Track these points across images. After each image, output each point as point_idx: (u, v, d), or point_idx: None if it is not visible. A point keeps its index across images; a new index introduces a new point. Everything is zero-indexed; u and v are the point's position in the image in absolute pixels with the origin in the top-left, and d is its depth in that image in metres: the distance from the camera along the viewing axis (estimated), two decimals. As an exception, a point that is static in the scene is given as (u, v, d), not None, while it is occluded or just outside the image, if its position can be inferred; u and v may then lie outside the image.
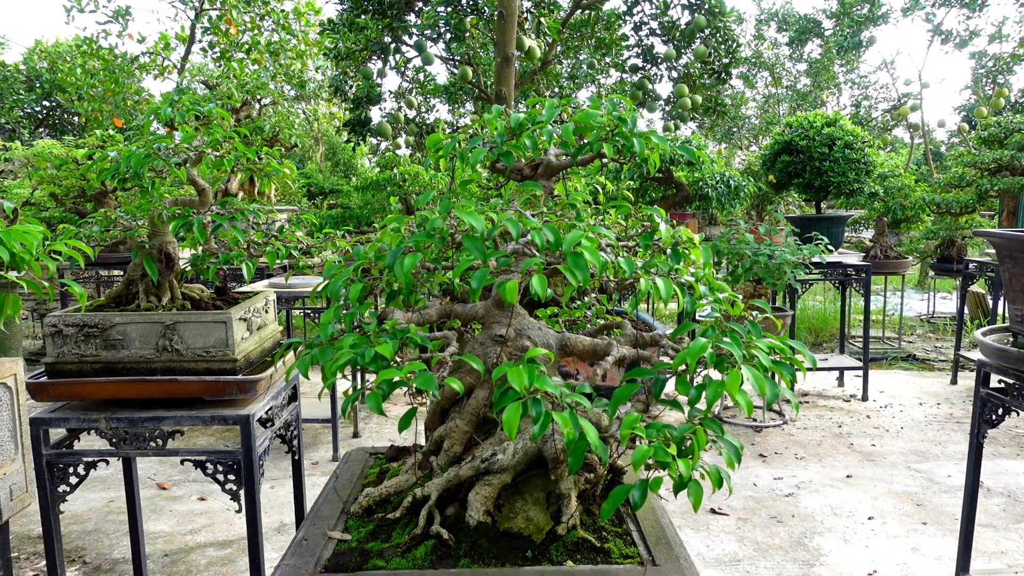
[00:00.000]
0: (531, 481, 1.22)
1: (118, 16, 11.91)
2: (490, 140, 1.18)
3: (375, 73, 8.52)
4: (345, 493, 1.44)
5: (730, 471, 0.93)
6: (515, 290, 0.90)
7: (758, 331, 1.01)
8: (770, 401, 0.91)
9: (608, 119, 1.14)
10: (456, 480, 1.22)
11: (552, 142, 1.19)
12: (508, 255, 1.00)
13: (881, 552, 3.34)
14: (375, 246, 1.21)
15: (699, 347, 0.94)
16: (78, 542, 3.51)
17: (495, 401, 0.92)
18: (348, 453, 1.70)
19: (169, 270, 2.09)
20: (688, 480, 0.87)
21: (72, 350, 2.00)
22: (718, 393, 0.92)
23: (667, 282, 1.02)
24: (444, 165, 1.26)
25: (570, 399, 0.93)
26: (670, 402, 0.99)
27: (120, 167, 1.89)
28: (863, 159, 5.70)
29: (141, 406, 2.04)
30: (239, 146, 2.04)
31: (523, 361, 0.94)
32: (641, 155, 1.12)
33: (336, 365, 0.99)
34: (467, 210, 0.97)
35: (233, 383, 1.99)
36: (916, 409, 5.57)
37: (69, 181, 6.51)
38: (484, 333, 1.23)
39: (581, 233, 0.93)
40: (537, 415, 0.87)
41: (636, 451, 0.87)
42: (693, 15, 8.87)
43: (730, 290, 1.11)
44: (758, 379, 0.91)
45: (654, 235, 1.13)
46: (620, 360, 1.15)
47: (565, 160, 1.23)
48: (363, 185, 6.29)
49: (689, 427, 0.93)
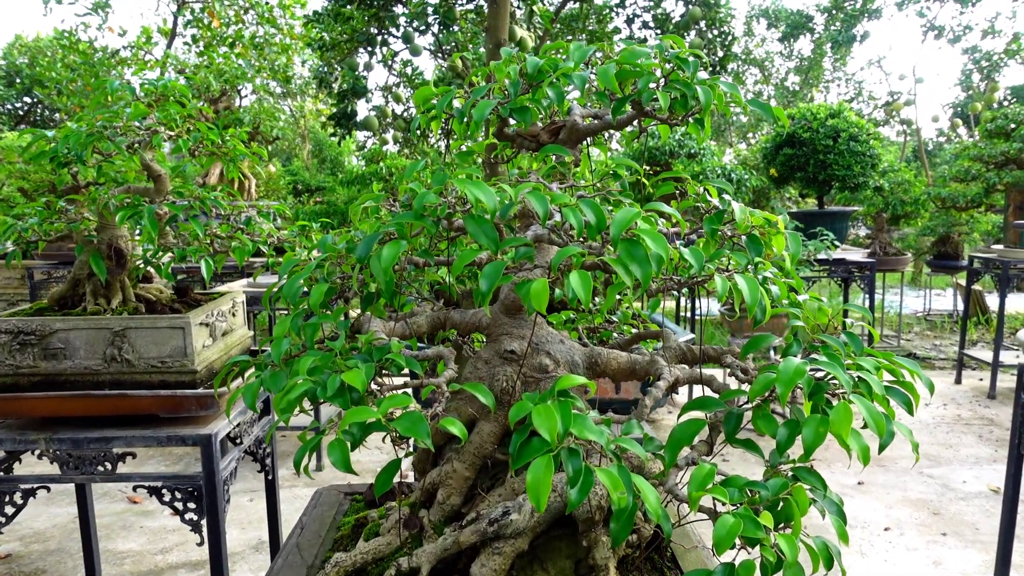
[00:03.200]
0: (553, 544, 0.93)
1: (97, 8, 11.57)
2: (498, 94, 0.91)
3: (361, 66, 8.24)
4: (311, 553, 1.15)
5: (842, 545, 0.69)
6: (545, 293, 0.64)
7: (858, 345, 0.77)
8: (884, 444, 0.67)
9: (661, 63, 0.87)
10: (455, 548, 0.93)
11: (583, 94, 0.92)
12: (529, 243, 0.73)
13: (901, 567, 3.13)
14: (348, 235, 0.95)
15: (794, 371, 0.68)
16: (39, 563, 3.24)
17: (514, 452, 0.66)
18: (318, 492, 1.42)
19: (120, 268, 1.83)
20: (791, 565, 0.63)
21: (6, 360, 1.74)
22: (821, 435, 0.67)
23: (751, 282, 0.75)
24: (436, 128, 1.00)
25: (614, 445, 0.67)
26: (743, 443, 0.75)
27: (59, 148, 1.62)
28: (868, 152, 5.50)
29: (87, 425, 1.78)
30: (200, 126, 1.78)
31: (551, 394, 0.68)
32: (707, 107, 0.85)
33: (287, 399, 0.73)
34: (472, 181, 0.71)
35: (192, 398, 1.73)
36: (923, 410, 5.39)
37: (38, 175, 6.20)
38: (489, 348, 0.96)
39: (636, 212, 0.67)
40: (576, 474, 0.62)
41: (720, 525, 0.63)
42: (687, 7, 8.66)
43: (812, 291, 0.87)
44: (873, 413, 0.66)
45: (722, 217, 0.87)
46: (673, 384, 0.89)
47: (596, 123, 0.97)
48: (349, 180, 6.02)
49: (783, 484, 0.69)
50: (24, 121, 17.14)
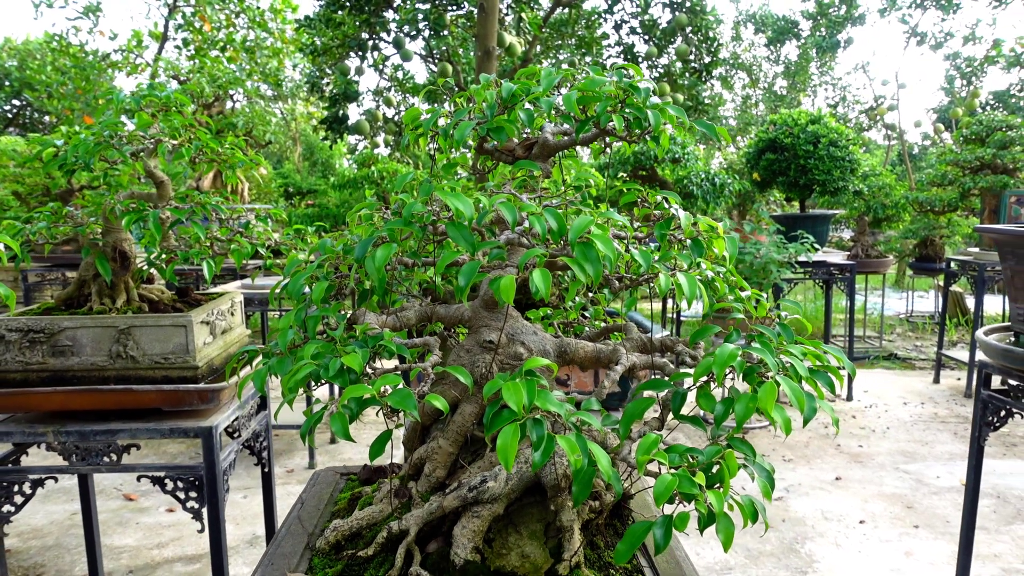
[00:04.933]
0: (526, 511, 1.06)
1: (88, 12, 11.61)
2: (478, 114, 1.03)
3: (352, 70, 8.34)
4: (311, 523, 1.27)
5: (766, 502, 0.80)
6: (512, 288, 0.76)
7: (789, 334, 0.89)
8: (807, 418, 0.79)
9: (617, 89, 1.00)
10: (439, 512, 1.06)
11: (551, 115, 1.05)
12: (501, 246, 0.85)
13: (874, 557, 3.25)
14: (345, 239, 1.06)
15: (728, 355, 0.80)
16: (37, 558, 3.31)
17: (487, 422, 0.78)
18: (316, 473, 1.53)
19: (124, 270, 1.92)
20: (720, 516, 0.74)
21: (16, 357, 1.83)
22: (750, 409, 0.78)
23: (691, 279, 0.87)
24: (424, 144, 1.11)
25: (574, 418, 0.79)
26: (689, 419, 0.86)
27: (67, 156, 1.72)
28: (847, 157, 5.65)
29: (93, 418, 1.87)
30: (201, 135, 1.88)
31: (520, 374, 0.80)
32: (656, 130, 0.97)
33: (294, 379, 0.84)
34: (452, 192, 0.83)
35: (194, 392, 1.83)
36: (901, 409, 5.53)
37: (33, 179, 6.26)
38: (471, 338, 1.08)
39: (590, 219, 0.79)
40: (538, 439, 0.73)
41: (659, 482, 0.74)
42: (674, 13, 8.81)
43: (752, 288, 0.99)
44: (796, 392, 0.78)
45: (671, 223, 0.99)
46: (630, 369, 1.01)
47: (565, 139, 1.09)
48: (340, 183, 6.11)
49: (717, 450, 0.80)
50: (13, 124, 17.10)
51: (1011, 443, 4.74)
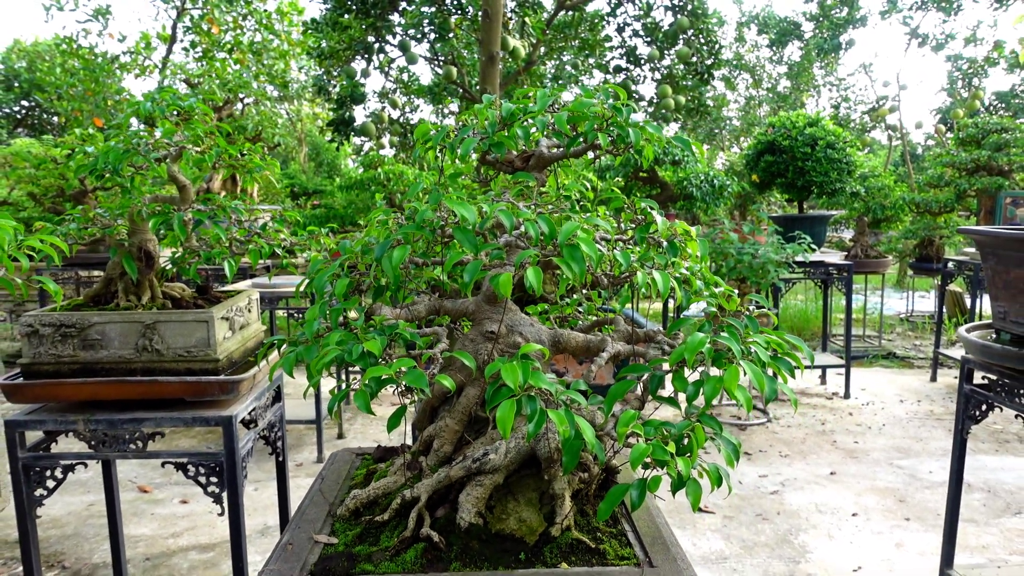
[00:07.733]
0: (524, 481, 1.20)
1: (98, 15, 11.75)
2: (480, 130, 1.15)
3: (359, 73, 8.47)
4: (331, 495, 1.41)
5: (729, 469, 0.91)
6: (509, 283, 0.87)
7: (755, 326, 1.00)
8: (769, 398, 0.90)
9: (603, 109, 1.12)
10: (446, 481, 1.19)
11: (545, 132, 1.17)
12: (501, 247, 0.97)
13: (866, 548, 3.36)
14: (362, 241, 1.18)
15: (697, 342, 0.92)
16: (57, 546, 3.44)
17: (488, 399, 0.90)
18: (334, 454, 1.67)
19: (149, 268, 2.05)
20: (687, 479, 0.85)
21: (49, 350, 1.96)
22: (716, 389, 0.90)
23: (665, 276, 1.00)
24: (432, 157, 1.23)
25: (565, 396, 0.91)
26: (666, 399, 0.97)
27: (98, 163, 1.84)
28: (845, 159, 5.75)
29: (120, 407, 2.00)
30: (221, 142, 2.00)
31: (516, 357, 0.92)
32: (637, 145, 1.10)
33: (322, 363, 0.96)
34: (458, 201, 0.95)
35: (215, 383, 1.95)
36: (897, 406, 5.63)
37: (47, 181, 6.40)
38: (475, 330, 1.20)
39: (577, 225, 0.91)
40: (532, 413, 0.85)
41: (634, 449, 0.86)
42: (676, 16, 8.92)
43: (725, 284, 1.10)
44: (757, 375, 0.90)
45: (649, 228, 1.12)
46: (614, 356, 1.13)
47: (558, 152, 1.22)
48: (347, 185, 6.24)
49: (687, 424, 0.92)
50: (22, 125, 17.29)
51: (1003, 440, 4.83)
